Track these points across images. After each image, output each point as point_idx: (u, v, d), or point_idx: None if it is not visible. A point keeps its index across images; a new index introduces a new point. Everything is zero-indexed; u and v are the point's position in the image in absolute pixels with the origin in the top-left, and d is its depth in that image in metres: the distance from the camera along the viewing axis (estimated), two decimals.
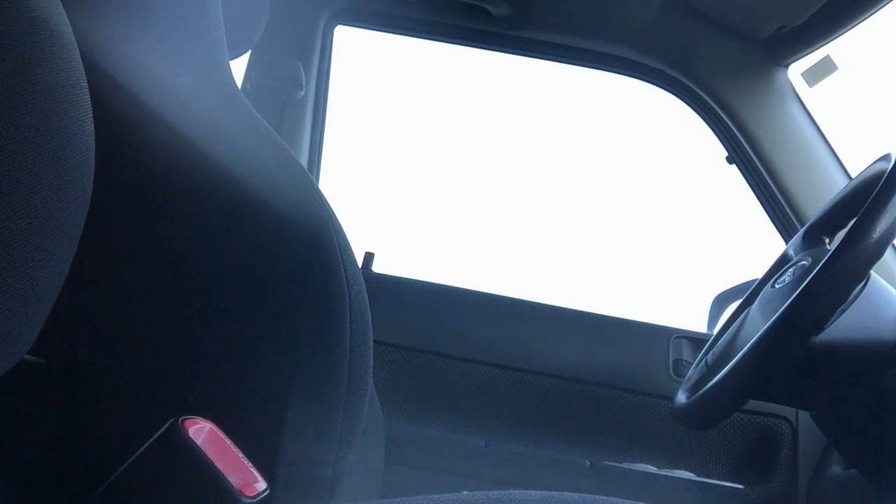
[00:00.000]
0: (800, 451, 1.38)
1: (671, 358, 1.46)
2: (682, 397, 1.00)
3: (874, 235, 0.75)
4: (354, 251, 0.65)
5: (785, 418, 1.40)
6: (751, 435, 1.42)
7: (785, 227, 1.45)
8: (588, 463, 1.41)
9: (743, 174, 1.49)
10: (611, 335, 1.50)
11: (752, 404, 1.38)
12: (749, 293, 1.10)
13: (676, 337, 1.48)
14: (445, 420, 1.47)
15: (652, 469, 1.41)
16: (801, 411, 1.39)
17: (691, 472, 1.41)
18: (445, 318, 1.52)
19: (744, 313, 1.04)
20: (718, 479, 1.40)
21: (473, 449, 1.44)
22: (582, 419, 1.46)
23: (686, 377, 1.07)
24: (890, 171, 0.79)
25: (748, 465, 1.42)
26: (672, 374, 1.44)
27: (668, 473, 1.40)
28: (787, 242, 1.20)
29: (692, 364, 1.22)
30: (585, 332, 1.51)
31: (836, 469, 1.23)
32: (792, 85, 1.46)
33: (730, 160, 1.51)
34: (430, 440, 1.45)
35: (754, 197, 1.49)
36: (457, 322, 1.52)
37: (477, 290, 1.56)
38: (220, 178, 0.59)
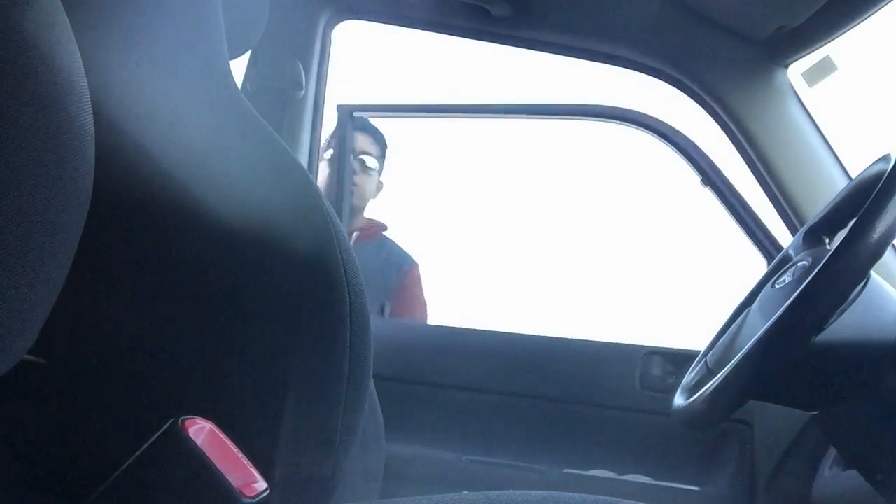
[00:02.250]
0: (756, 453, 1.45)
1: (639, 373, 1.57)
2: (681, 398, 1.00)
3: (874, 235, 0.75)
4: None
5: (745, 422, 1.47)
6: (711, 438, 1.51)
7: (785, 227, 1.45)
8: (554, 471, 1.53)
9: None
10: (586, 357, 1.64)
11: None
12: (749, 293, 1.10)
13: (646, 353, 1.58)
14: (441, 441, 1.61)
15: (611, 475, 1.51)
16: (760, 415, 1.46)
17: (652, 476, 1.50)
18: (438, 354, 1.70)
19: (744, 313, 1.04)
20: (676, 483, 1.48)
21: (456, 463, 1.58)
22: (556, 433, 1.59)
23: (685, 379, 1.07)
24: (890, 171, 0.79)
25: (706, 467, 1.50)
26: (638, 387, 1.56)
27: (627, 479, 1.48)
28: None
29: (659, 376, 1.46)
30: (564, 355, 1.65)
31: (835, 469, 1.23)
32: (792, 85, 1.46)
33: (704, 183, 1.59)
34: (429, 460, 1.59)
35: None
36: (449, 356, 1.70)
37: (466, 327, 1.77)
38: (219, 178, 0.59)
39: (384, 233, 2.15)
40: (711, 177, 1.57)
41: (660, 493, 1.47)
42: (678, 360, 1.54)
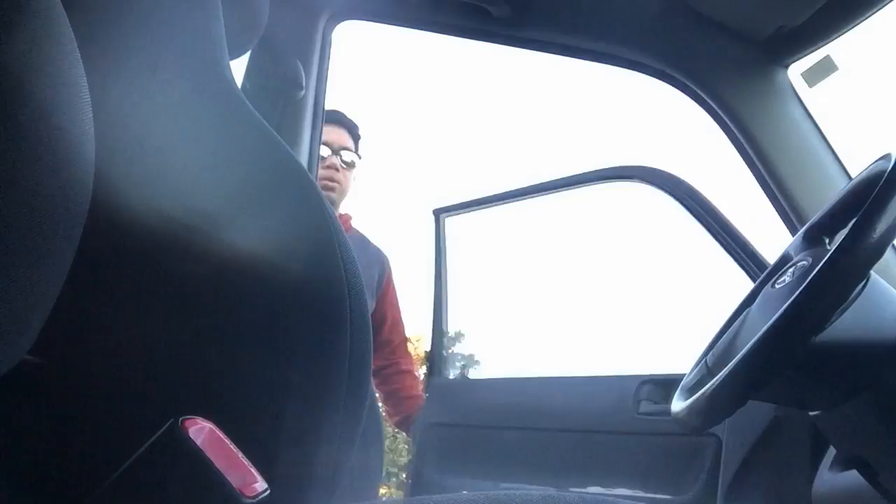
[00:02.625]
0: (722, 463, 1.57)
1: (636, 399, 1.76)
2: (680, 398, 1.00)
3: (874, 235, 0.75)
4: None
5: (714, 435, 1.61)
6: (685, 451, 1.67)
7: (785, 227, 1.45)
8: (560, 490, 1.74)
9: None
10: (591, 390, 1.90)
11: None
12: (749, 293, 1.10)
13: (642, 382, 1.76)
14: (483, 473, 1.91)
15: (598, 489, 1.73)
16: (730, 429, 1.58)
17: (639, 489, 1.71)
18: (475, 402, 2.06)
19: (744, 313, 1.04)
20: (656, 493, 1.66)
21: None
22: (569, 459, 1.84)
23: (685, 379, 1.07)
24: (890, 171, 0.79)
25: (679, 478, 1.66)
26: (636, 413, 1.76)
27: (614, 492, 1.69)
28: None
29: (653, 401, 1.69)
30: (575, 391, 1.92)
31: (834, 470, 1.23)
32: (792, 85, 1.45)
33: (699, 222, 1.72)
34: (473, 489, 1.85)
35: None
36: (482, 403, 2.05)
37: (493, 378, 2.27)
38: (219, 177, 0.59)
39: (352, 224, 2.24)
40: (707, 219, 1.68)
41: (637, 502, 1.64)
42: (668, 385, 1.70)
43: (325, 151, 2.07)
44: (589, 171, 1.99)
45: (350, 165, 2.17)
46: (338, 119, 2.15)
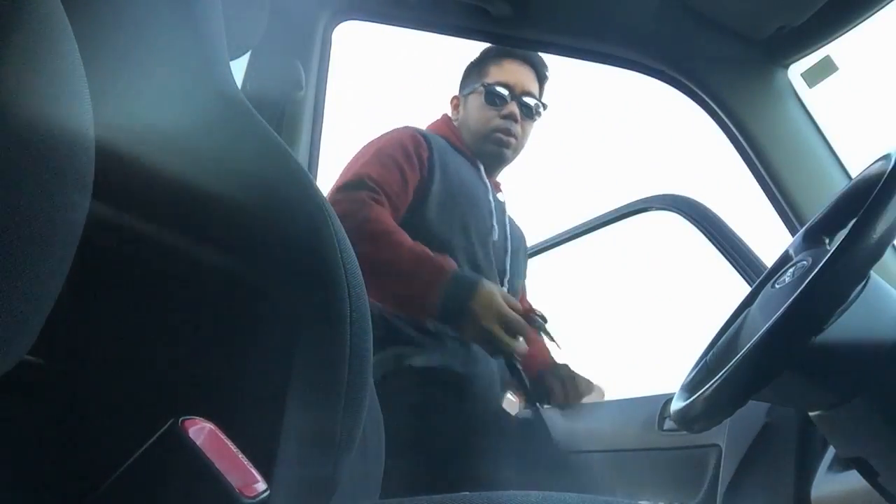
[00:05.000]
0: (721, 470, 1.62)
1: (661, 416, 1.82)
2: (681, 398, 1.00)
3: (874, 235, 0.75)
4: None
5: (716, 445, 1.67)
6: (693, 461, 1.73)
7: (785, 227, 1.45)
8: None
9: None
10: (624, 411, 1.99)
11: (697, 437, 1.70)
12: (749, 293, 1.10)
13: (666, 401, 1.78)
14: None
15: (615, 499, 1.77)
16: (729, 437, 1.63)
17: (653, 498, 1.81)
18: None
19: (744, 313, 1.04)
20: (663, 500, 1.77)
21: None
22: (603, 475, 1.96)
23: (685, 379, 1.07)
24: (890, 171, 0.79)
25: (687, 485, 1.73)
26: (660, 430, 1.82)
27: (627, 501, 1.72)
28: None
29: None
30: (612, 413, 2.01)
31: (834, 469, 1.23)
32: (792, 85, 1.46)
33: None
34: None
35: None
36: None
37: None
38: (218, 178, 0.59)
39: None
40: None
41: None
42: None
43: (501, 94, 1.74)
44: (620, 206, 2.08)
45: (532, 115, 1.78)
46: (522, 54, 1.79)
